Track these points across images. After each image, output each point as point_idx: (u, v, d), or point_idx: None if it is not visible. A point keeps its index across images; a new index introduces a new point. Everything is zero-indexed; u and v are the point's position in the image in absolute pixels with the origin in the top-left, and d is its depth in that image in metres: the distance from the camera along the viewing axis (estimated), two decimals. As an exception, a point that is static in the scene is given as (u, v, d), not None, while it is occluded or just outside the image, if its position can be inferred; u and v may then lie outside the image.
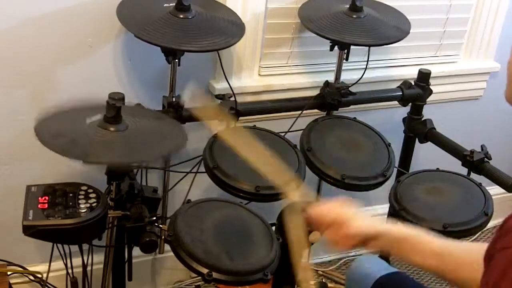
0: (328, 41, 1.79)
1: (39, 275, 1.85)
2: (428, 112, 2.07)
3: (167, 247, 1.48)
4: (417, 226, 1.63)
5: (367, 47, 1.90)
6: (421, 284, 1.51)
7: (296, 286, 1.57)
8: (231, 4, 1.76)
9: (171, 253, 1.40)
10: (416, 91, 2.01)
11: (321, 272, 2.34)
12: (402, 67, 2.16)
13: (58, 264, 1.59)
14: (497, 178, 1.81)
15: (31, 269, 1.87)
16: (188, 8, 1.58)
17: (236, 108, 1.75)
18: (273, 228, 1.57)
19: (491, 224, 1.69)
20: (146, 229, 1.42)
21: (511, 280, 0.77)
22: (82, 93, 1.69)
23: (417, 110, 2.05)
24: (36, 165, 1.77)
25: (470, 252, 1.12)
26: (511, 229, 0.85)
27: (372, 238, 1.18)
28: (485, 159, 1.85)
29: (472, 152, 1.86)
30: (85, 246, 1.55)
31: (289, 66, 2.00)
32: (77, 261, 1.57)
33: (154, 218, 1.47)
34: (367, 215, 1.22)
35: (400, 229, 1.20)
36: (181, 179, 1.83)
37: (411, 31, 1.85)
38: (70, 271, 1.58)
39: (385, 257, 1.71)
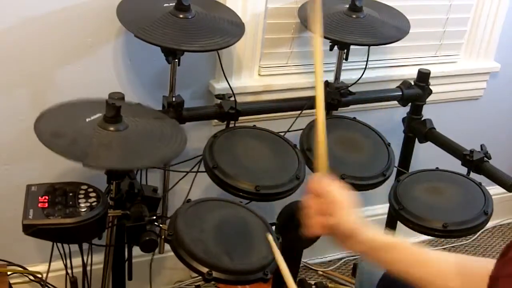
0: (328, 41, 1.79)
1: (39, 275, 1.85)
2: (428, 112, 2.07)
3: (167, 247, 1.48)
4: (417, 226, 1.65)
5: (367, 47, 1.90)
6: None
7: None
8: (231, 4, 1.77)
9: (171, 253, 1.40)
10: (415, 91, 2.01)
11: (321, 272, 2.34)
12: (402, 67, 2.16)
13: (58, 264, 1.58)
14: (497, 178, 1.81)
15: (31, 269, 1.87)
16: (188, 8, 1.58)
17: (236, 108, 1.75)
18: (273, 228, 1.57)
19: (490, 223, 1.69)
20: (146, 228, 1.42)
21: None
22: (82, 93, 1.68)
23: (417, 110, 2.05)
24: (36, 165, 1.77)
25: (447, 263, 1.08)
26: None
27: (349, 238, 1.11)
28: (485, 158, 1.85)
29: (471, 151, 1.86)
30: (85, 246, 1.55)
31: (289, 66, 2.00)
32: (77, 261, 1.56)
33: (154, 217, 1.47)
34: (363, 217, 1.16)
35: (383, 236, 1.12)
36: (181, 179, 1.83)
37: (411, 31, 1.85)
38: (70, 271, 1.58)
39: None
